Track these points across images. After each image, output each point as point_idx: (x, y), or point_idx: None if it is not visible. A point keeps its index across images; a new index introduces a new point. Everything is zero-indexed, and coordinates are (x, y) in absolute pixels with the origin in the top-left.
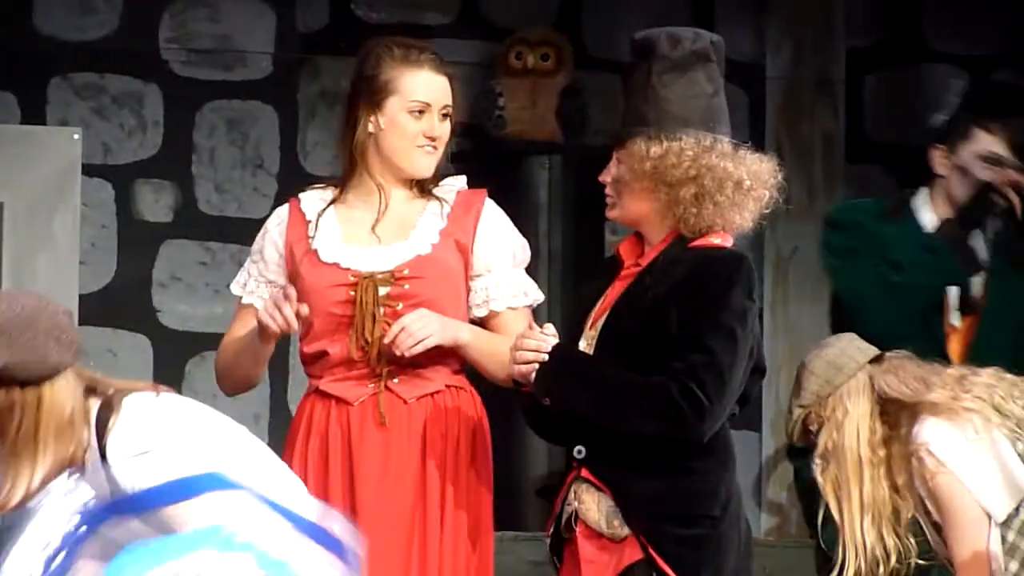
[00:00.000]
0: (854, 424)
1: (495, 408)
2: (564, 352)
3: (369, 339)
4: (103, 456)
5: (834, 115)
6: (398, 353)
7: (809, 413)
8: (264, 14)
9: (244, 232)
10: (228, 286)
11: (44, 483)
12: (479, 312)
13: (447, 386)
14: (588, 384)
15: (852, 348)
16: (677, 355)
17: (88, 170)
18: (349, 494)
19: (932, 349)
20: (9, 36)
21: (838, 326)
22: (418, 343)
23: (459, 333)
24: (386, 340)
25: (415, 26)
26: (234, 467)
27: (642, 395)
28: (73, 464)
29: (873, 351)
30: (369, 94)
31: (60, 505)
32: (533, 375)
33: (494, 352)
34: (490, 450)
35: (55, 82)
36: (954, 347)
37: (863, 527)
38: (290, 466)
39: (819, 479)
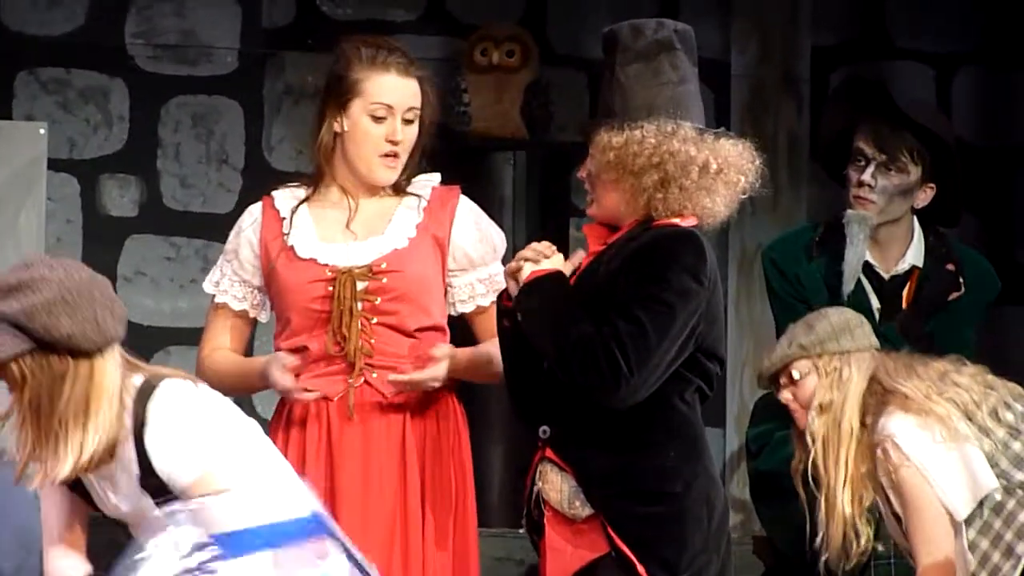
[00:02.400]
0: (855, 393)
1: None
2: (558, 277)
3: (347, 334)
4: (139, 437)
5: (798, 113)
6: (425, 381)
7: (806, 356)
8: (229, 9)
9: (209, 227)
10: (193, 281)
11: (92, 459)
12: (465, 308)
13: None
14: (552, 315)
15: (869, 328)
16: (609, 320)
17: (54, 165)
18: (329, 491)
19: None
20: None
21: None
22: (433, 380)
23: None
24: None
25: (380, 22)
26: (251, 464)
27: (581, 348)
28: (118, 440)
29: (878, 343)
30: (336, 94)
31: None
32: (521, 277)
33: (474, 361)
34: (468, 444)
35: (21, 76)
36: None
37: (843, 498)
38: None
39: (811, 428)
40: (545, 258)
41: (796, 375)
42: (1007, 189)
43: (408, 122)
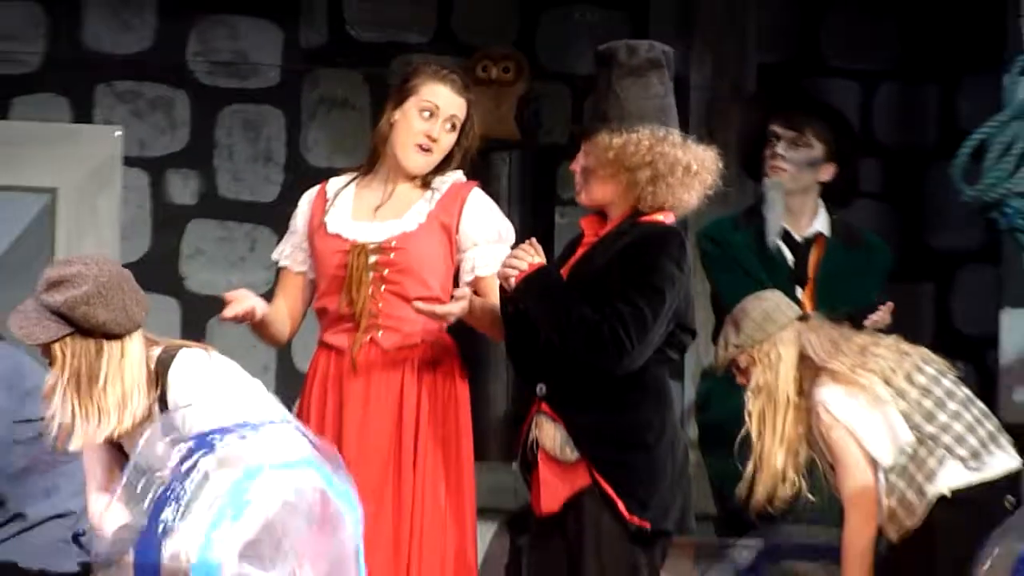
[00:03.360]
0: (785, 367)
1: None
2: (545, 271)
3: (355, 297)
4: (162, 399)
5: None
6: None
7: (741, 352)
8: (273, 33)
9: (256, 214)
10: (242, 258)
11: (124, 422)
12: (467, 278)
13: (423, 340)
14: (549, 301)
15: (784, 304)
16: (611, 304)
17: (127, 161)
18: (337, 428)
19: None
20: (63, 50)
21: (716, 308)
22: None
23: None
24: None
25: (399, 43)
26: (259, 412)
27: (583, 327)
28: (148, 406)
29: (798, 310)
30: (399, 93)
31: (154, 453)
32: (512, 280)
33: (484, 311)
34: (466, 392)
35: (100, 88)
36: (807, 303)
37: (777, 456)
38: (304, 404)
39: (748, 409)
40: (528, 256)
41: (741, 366)
42: (918, 184)
43: (449, 129)
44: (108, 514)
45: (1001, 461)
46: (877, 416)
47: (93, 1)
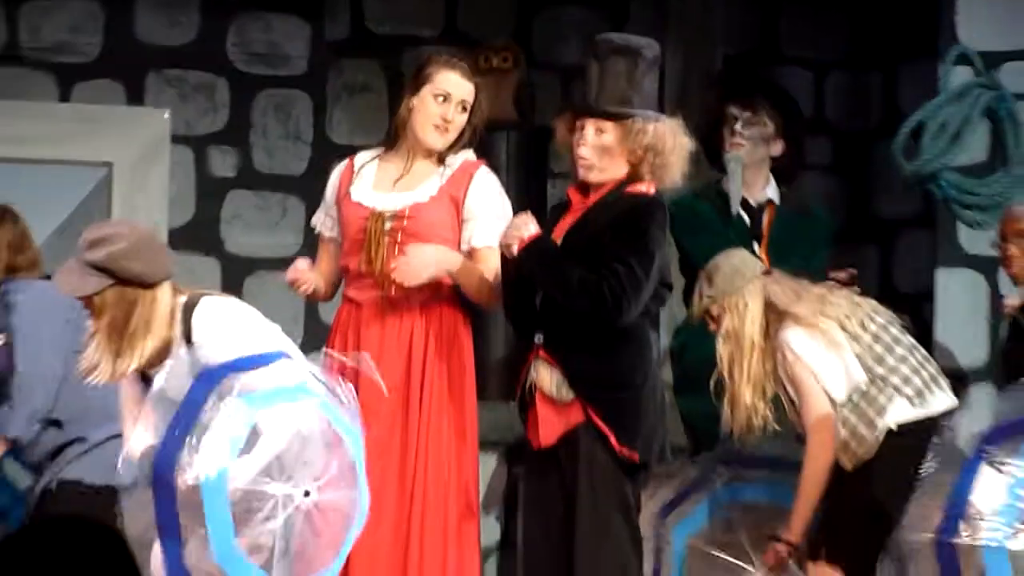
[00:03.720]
0: (752, 315)
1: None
2: (542, 240)
3: (373, 258)
4: (188, 339)
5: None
6: (401, 283)
7: (714, 302)
8: (302, 27)
9: (286, 185)
10: (276, 224)
11: (153, 356)
12: (464, 247)
13: (431, 297)
14: (550, 266)
15: (750, 260)
16: (608, 265)
17: (175, 139)
18: (356, 370)
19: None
20: (118, 42)
21: (684, 270)
22: (416, 278)
23: (449, 266)
24: (394, 276)
25: (412, 36)
26: (271, 349)
27: (582, 284)
28: (171, 344)
29: (762, 265)
30: (416, 81)
31: (175, 380)
32: (514, 248)
33: (471, 276)
34: (469, 339)
35: (151, 75)
36: (763, 258)
37: (746, 392)
38: (329, 349)
39: (720, 351)
40: (525, 227)
41: (713, 314)
42: (864, 159)
43: (461, 111)
44: (135, 437)
45: (941, 400)
46: (834, 357)
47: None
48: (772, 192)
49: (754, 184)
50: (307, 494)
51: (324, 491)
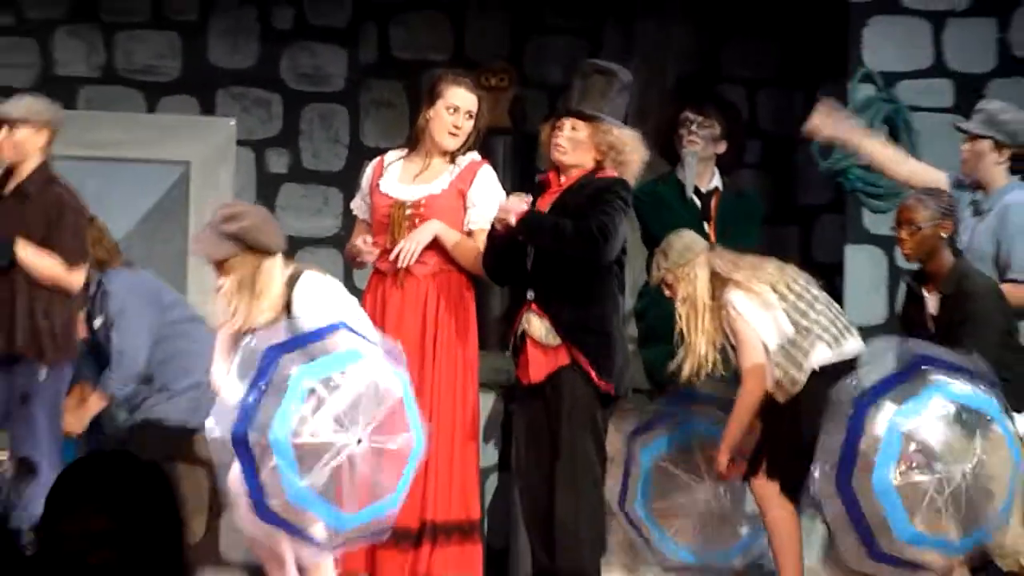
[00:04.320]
0: (701, 283)
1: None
2: (535, 211)
3: (396, 238)
4: (288, 306)
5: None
6: (404, 263)
7: (669, 271)
8: (340, 54)
9: (328, 180)
10: (318, 211)
11: (267, 313)
12: (465, 228)
13: (441, 269)
14: (547, 226)
15: (697, 238)
16: (594, 216)
17: (239, 143)
18: (382, 327)
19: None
20: (194, 66)
21: (647, 243)
22: (411, 254)
23: (434, 231)
24: (400, 262)
25: (427, 61)
26: (355, 317)
27: (576, 229)
28: (279, 306)
29: (706, 242)
30: (431, 96)
31: (263, 341)
32: (511, 219)
33: (458, 246)
34: (472, 304)
35: (220, 92)
36: (711, 235)
37: (700, 344)
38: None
39: (679, 313)
40: (519, 204)
41: (668, 282)
42: (788, 158)
43: (468, 118)
44: (224, 382)
45: (853, 345)
46: (767, 313)
47: (214, 31)
48: (717, 181)
49: (704, 175)
50: (359, 442)
51: (375, 438)
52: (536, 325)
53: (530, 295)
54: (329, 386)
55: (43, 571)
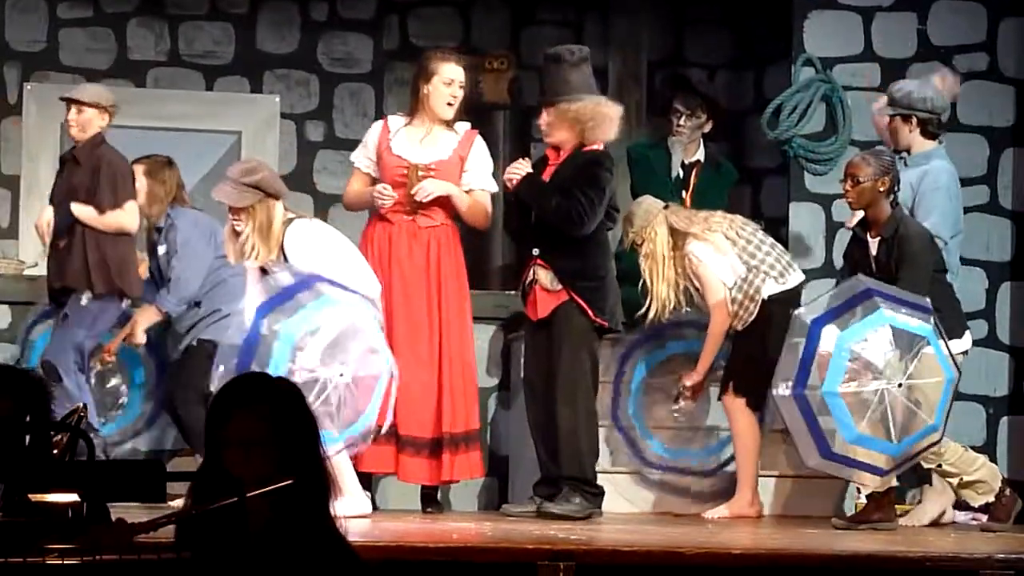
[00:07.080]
0: (661, 239)
1: (479, 235)
2: (534, 176)
3: (411, 193)
4: (281, 246)
5: (640, 94)
6: (419, 199)
7: (636, 235)
8: (367, 41)
9: (355, 144)
10: (348, 172)
11: (274, 253)
12: (464, 188)
13: (442, 223)
14: (537, 195)
15: (654, 202)
16: (575, 195)
17: (283, 116)
18: (388, 273)
19: (680, 202)
20: (245, 51)
21: (634, 194)
22: (428, 195)
23: (454, 194)
24: (416, 195)
25: (439, 47)
26: (349, 263)
27: (557, 207)
28: (275, 247)
29: (661, 203)
30: (426, 73)
31: (275, 280)
32: (514, 180)
33: (471, 208)
34: (461, 251)
35: (267, 73)
36: (687, 202)
37: (663, 289)
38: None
39: (643, 265)
40: (522, 167)
41: (637, 243)
42: (740, 129)
43: (459, 88)
44: (251, 304)
45: (796, 277)
46: (721, 257)
47: (262, 22)
48: (701, 155)
49: (690, 148)
50: (342, 375)
51: (354, 369)
52: (543, 275)
53: (536, 251)
54: (335, 321)
55: (213, 472)
